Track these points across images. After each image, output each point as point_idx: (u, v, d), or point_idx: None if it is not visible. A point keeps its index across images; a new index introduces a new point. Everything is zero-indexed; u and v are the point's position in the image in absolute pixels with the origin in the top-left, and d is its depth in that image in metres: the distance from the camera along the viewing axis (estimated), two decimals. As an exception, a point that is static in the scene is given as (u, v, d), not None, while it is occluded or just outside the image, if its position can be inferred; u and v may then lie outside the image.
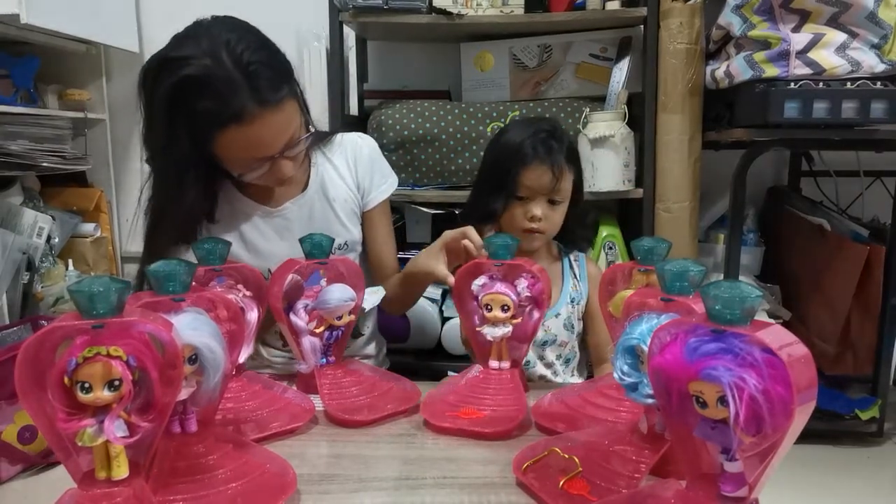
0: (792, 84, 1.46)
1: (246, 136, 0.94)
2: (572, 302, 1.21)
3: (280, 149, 0.99)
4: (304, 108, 1.05)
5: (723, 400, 0.48)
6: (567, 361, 1.22)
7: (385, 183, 1.25)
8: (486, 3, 1.70)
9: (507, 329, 0.88)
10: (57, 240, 1.85)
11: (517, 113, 1.71)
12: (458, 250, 1.04)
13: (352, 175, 1.22)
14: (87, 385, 0.53)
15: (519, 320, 0.88)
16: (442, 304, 1.74)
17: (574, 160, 1.18)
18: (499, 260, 0.88)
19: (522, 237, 1.14)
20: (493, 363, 0.90)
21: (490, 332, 0.88)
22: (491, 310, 0.87)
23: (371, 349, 1.30)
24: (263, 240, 1.14)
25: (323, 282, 0.95)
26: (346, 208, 1.20)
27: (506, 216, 1.17)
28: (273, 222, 1.15)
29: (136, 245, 2.13)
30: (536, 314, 0.88)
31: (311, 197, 1.17)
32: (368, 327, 1.29)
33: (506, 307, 0.87)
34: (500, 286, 0.87)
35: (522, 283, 0.87)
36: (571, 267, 1.24)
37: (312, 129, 1.07)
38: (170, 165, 0.99)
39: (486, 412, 0.85)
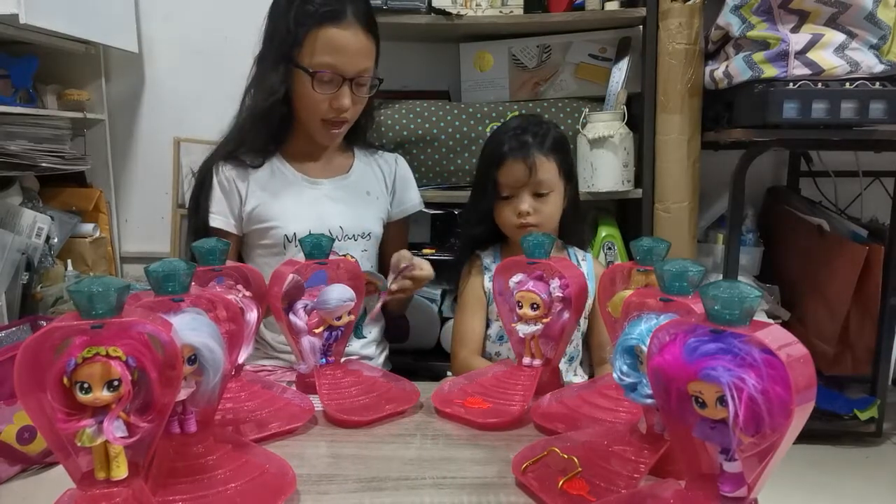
0: (791, 84, 1.46)
1: (334, 38, 1.12)
2: (577, 301, 1.22)
3: (354, 72, 1.15)
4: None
5: (722, 400, 0.48)
6: (570, 359, 1.23)
7: (413, 200, 1.38)
8: (486, 3, 1.70)
9: (538, 327, 0.89)
10: (56, 240, 1.84)
11: (516, 113, 1.70)
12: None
13: (387, 183, 1.35)
14: (86, 385, 0.53)
15: (548, 319, 0.89)
16: (441, 304, 1.74)
17: (556, 149, 1.20)
18: (533, 259, 0.89)
19: (517, 234, 1.18)
20: (526, 360, 0.92)
21: (521, 329, 0.90)
22: (522, 307, 0.89)
23: (371, 351, 1.30)
24: (295, 204, 1.22)
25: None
26: (377, 206, 1.31)
27: (499, 218, 1.22)
28: (309, 192, 1.25)
29: (134, 245, 2.15)
30: (567, 315, 0.89)
31: (352, 183, 1.29)
32: (372, 332, 1.30)
33: (535, 305, 0.88)
34: (531, 284, 0.88)
35: (556, 283, 0.88)
36: (578, 265, 1.25)
37: (380, 81, 1.23)
38: (268, 74, 1.17)
39: (490, 405, 0.86)
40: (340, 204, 1.25)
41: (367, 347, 1.29)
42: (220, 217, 1.21)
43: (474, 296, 1.24)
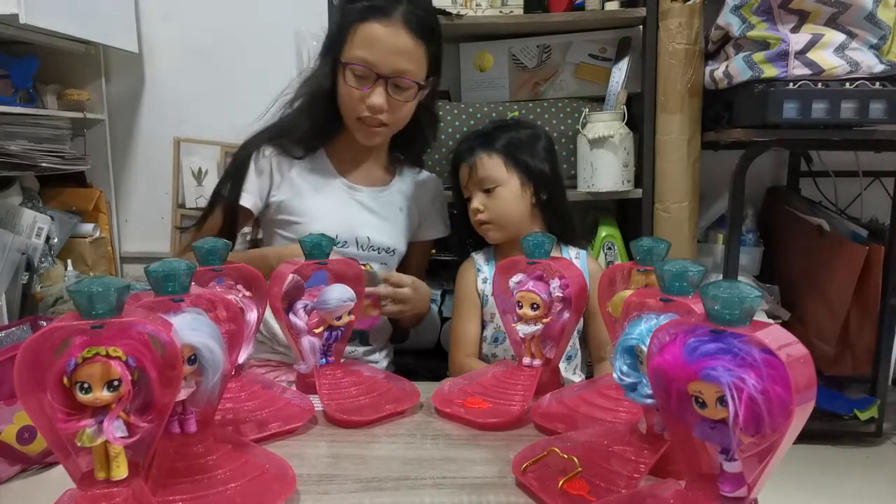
0: (791, 84, 1.46)
1: (375, 34, 1.11)
2: (573, 299, 1.22)
3: (389, 71, 1.12)
4: (433, 89, 1.24)
5: (722, 400, 0.48)
6: (568, 359, 1.23)
7: (439, 227, 1.39)
8: (486, 3, 1.70)
9: (538, 327, 0.89)
10: (56, 240, 1.85)
11: (516, 113, 1.71)
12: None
13: (421, 205, 1.35)
14: (86, 385, 0.53)
15: (548, 319, 0.89)
16: (441, 303, 1.74)
17: (503, 146, 1.22)
18: (533, 259, 0.89)
19: (483, 234, 1.24)
20: (526, 360, 0.92)
21: (521, 329, 0.90)
22: (522, 307, 0.89)
23: (375, 357, 1.29)
24: (327, 202, 1.22)
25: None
26: (406, 225, 1.31)
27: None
28: (344, 194, 1.25)
29: (134, 245, 2.15)
30: (567, 315, 0.89)
31: (388, 197, 1.29)
32: (378, 341, 1.30)
33: (535, 305, 0.88)
34: (531, 284, 0.88)
35: (556, 283, 0.88)
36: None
37: (428, 88, 1.21)
38: (318, 68, 1.19)
39: (490, 405, 0.86)
40: (373, 215, 1.26)
41: (371, 355, 1.29)
42: (250, 196, 1.22)
43: (468, 297, 1.24)
